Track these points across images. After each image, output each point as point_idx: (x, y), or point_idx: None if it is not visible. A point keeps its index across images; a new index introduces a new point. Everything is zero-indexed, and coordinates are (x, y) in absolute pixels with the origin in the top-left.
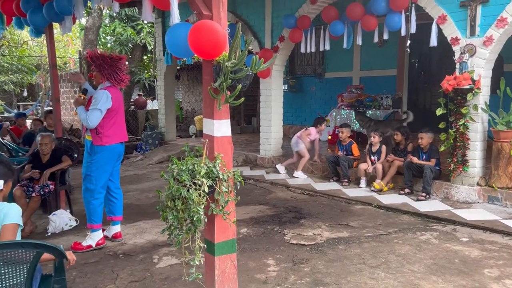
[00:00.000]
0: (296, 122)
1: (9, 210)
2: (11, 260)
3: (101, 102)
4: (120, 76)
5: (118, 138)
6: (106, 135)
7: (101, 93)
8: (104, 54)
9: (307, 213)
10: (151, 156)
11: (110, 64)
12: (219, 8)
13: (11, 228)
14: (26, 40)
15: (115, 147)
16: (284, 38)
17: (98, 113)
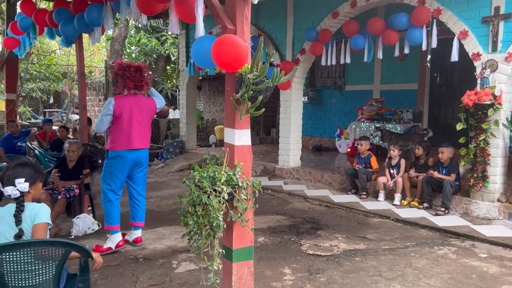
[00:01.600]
0: (316, 134)
1: (39, 210)
2: (42, 257)
3: (104, 108)
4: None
5: (124, 145)
6: (112, 140)
7: (108, 100)
8: (123, 63)
9: (324, 225)
10: (171, 164)
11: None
12: (242, 23)
13: (41, 227)
14: (54, 49)
15: (122, 153)
16: (305, 51)
17: (99, 119)
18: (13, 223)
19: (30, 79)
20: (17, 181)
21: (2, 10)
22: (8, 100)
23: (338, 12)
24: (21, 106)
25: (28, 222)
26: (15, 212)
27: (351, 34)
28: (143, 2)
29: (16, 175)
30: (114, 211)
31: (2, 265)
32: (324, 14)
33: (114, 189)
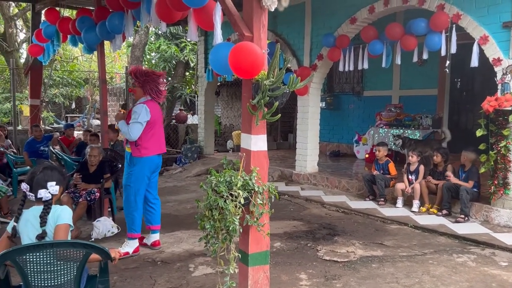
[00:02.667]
0: (333, 140)
1: (62, 212)
2: (64, 258)
3: (141, 115)
4: (160, 91)
5: (156, 150)
6: (144, 146)
7: (140, 107)
8: (148, 71)
9: (341, 231)
10: (189, 169)
11: (153, 80)
12: (259, 30)
13: (63, 228)
14: (76, 55)
15: (152, 158)
16: (323, 56)
17: (139, 126)
18: (38, 224)
19: (53, 85)
20: (49, 184)
21: (27, 18)
22: (32, 105)
23: (356, 18)
24: (44, 111)
25: (51, 223)
26: (41, 213)
27: (369, 39)
28: (163, 10)
29: (47, 178)
30: (140, 219)
31: (26, 265)
32: (342, 20)
33: (139, 195)
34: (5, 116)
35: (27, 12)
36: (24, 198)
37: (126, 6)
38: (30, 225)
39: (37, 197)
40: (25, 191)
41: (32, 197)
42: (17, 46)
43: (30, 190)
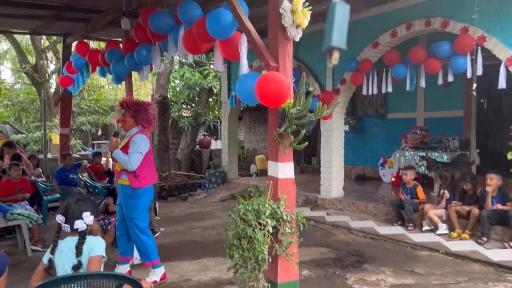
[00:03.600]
0: (358, 163)
1: (96, 243)
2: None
3: (141, 145)
4: (151, 121)
5: (153, 179)
6: (144, 177)
7: (140, 137)
8: (138, 101)
9: (370, 258)
10: (214, 194)
11: (144, 109)
12: (285, 59)
13: (97, 260)
14: (103, 84)
15: (152, 188)
16: (346, 81)
17: (139, 156)
18: (73, 255)
19: (81, 113)
20: (85, 215)
21: (57, 50)
22: (62, 134)
23: (378, 42)
24: (72, 139)
25: (85, 254)
26: (77, 244)
27: (392, 63)
28: (190, 42)
29: (82, 209)
30: (154, 244)
31: None
32: (364, 44)
33: (147, 224)
34: (36, 144)
35: (58, 44)
36: (59, 229)
37: (153, 38)
38: (65, 256)
39: (73, 228)
40: (60, 222)
41: (67, 229)
42: (47, 77)
43: (65, 221)
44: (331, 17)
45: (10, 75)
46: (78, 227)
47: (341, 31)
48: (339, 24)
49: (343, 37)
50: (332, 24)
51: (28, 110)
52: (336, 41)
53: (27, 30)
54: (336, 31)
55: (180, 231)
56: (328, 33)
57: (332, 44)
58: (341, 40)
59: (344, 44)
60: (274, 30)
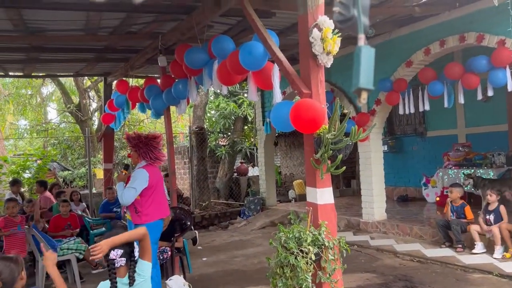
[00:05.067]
0: (400, 184)
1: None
2: None
3: (137, 181)
4: (155, 154)
5: (158, 215)
6: (145, 213)
7: (140, 172)
8: (140, 135)
9: (418, 282)
10: (254, 221)
11: (145, 143)
12: (317, 85)
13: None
14: (142, 119)
15: (160, 223)
16: (381, 101)
17: (132, 191)
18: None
19: (122, 148)
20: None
21: (98, 89)
22: (106, 169)
23: (412, 61)
24: (115, 173)
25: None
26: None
27: (427, 81)
28: (224, 75)
29: None
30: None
31: None
32: (397, 64)
33: (154, 264)
34: (81, 180)
35: (99, 84)
36: (113, 266)
37: (189, 73)
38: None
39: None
40: (115, 257)
41: (122, 262)
42: (90, 115)
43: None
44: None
45: (55, 115)
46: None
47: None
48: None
49: (370, 78)
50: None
51: (73, 148)
52: (363, 82)
53: (71, 73)
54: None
55: (222, 260)
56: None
57: (360, 86)
58: (368, 81)
59: (372, 85)
60: (305, 58)
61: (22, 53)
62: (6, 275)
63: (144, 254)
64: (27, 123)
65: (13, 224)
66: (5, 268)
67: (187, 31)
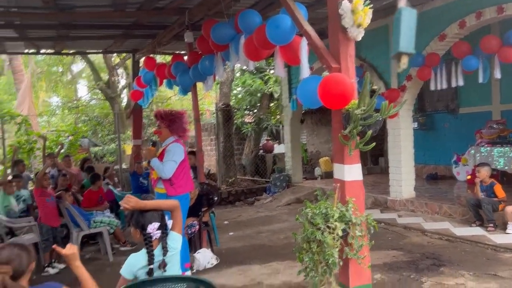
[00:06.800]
0: (429, 162)
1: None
2: None
3: (176, 154)
4: (185, 129)
5: (188, 187)
6: (179, 185)
7: (176, 146)
8: (172, 111)
9: (447, 261)
10: (279, 198)
11: (179, 119)
12: (347, 60)
13: None
14: (170, 96)
15: (187, 196)
16: (412, 77)
17: (173, 164)
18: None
19: (150, 125)
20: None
21: (127, 66)
22: (135, 145)
23: (445, 34)
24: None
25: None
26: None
27: (462, 55)
28: (251, 50)
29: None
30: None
31: None
32: (429, 38)
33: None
34: (111, 156)
35: (127, 61)
36: (150, 238)
37: (215, 49)
38: None
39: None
40: (151, 231)
41: (158, 235)
42: (118, 92)
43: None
44: (398, 22)
45: (86, 92)
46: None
47: (409, 36)
48: (406, 29)
49: (411, 41)
50: (399, 30)
51: (103, 124)
52: (404, 46)
53: (100, 49)
54: (404, 36)
55: (248, 235)
56: (396, 38)
57: (400, 50)
58: (409, 45)
59: (413, 48)
60: (334, 31)
61: (53, 30)
62: (17, 264)
63: (175, 226)
64: (58, 100)
65: (46, 195)
66: (16, 257)
67: (214, 6)
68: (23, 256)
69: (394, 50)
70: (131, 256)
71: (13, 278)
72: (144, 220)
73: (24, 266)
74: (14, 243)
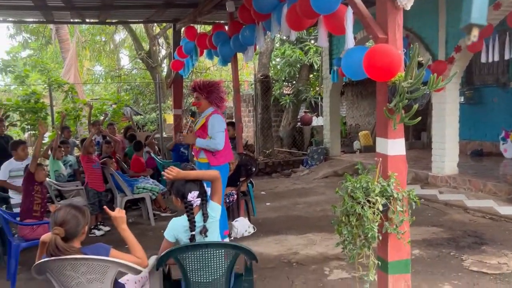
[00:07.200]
0: (475, 137)
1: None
2: (216, 257)
3: (220, 125)
4: (223, 99)
5: (229, 157)
6: (222, 155)
7: (216, 117)
8: (210, 82)
9: (489, 239)
10: (316, 171)
11: (216, 89)
12: (394, 30)
13: None
14: (209, 66)
15: (227, 166)
16: (461, 48)
17: (222, 134)
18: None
19: (190, 95)
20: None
21: (167, 36)
22: (176, 115)
23: (500, 2)
24: (184, 119)
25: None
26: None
27: None
28: (293, 20)
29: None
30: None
31: (185, 263)
32: None
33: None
34: (152, 125)
35: (168, 30)
36: (191, 206)
37: (257, 19)
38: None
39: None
40: (192, 199)
41: (198, 202)
42: (159, 62)
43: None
44: None
45: (127, 62)
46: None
47: (481, 6)
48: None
49: (483, 12)
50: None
51: (145, 93)
52: (475, 17)
53: (141, 19)
54: (476, 6)
55: (285, 206)
56: (467, 9)
57: (472, 21)
58: (481, 16)
59: (485, 20)
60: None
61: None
62: (71, 226)
63: (214, 196)
64: (102, 69)
65: (92, 161)
66: (72, 219)
67: None
68: (78, 218)
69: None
70: (173, 220)
71: (65, 239)
72: (184, 189)
73: (77, 228)
74: (71, 204)
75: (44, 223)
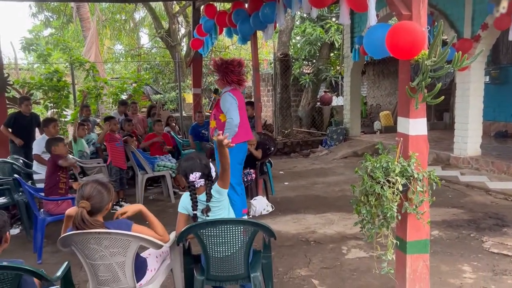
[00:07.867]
0: (499, 118)
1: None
2: (235, 233)
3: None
4: (241, 79)
5: (244, 136)
6: (237, 134)
7: (226, 95)
8: (226, 60)
9: (511, 221)
10: (336, 151)
11: (234, 68)
12: (419, 7)
13: None
14: (228, 45)
15: (243, 145)
16: (488, 25)
17: (233, 109)
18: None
19: (209, 74)
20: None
21: (187, 14)
22: (195, 94)
23: None
24: (203, 98)
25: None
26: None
27: None
28: None
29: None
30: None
31: (205, 238)
32: None
33: (239, 182)
34: (172, 104)
35: (187, 8)
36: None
37: None
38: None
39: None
40: (194, 179)
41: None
42: (179, 40)
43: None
44: None
45: (147, 40)
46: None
47: None
48: None
49: None
50: None
51: (164, 72)
52: None
53: None
54: None
55: (303, 186)
56: None
57: None
58: None
59: None
60: None
61: None
62: (96, 201)
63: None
64: (122, 47)
65: (115, 140)
66: (98, 194)
67: None
68: (104, 194)
69: None
70: (184, 195)
71: (90, 214)
72: (187, 170)
73: (102, 204)
74: (98, 180)
75: (69, 199)
